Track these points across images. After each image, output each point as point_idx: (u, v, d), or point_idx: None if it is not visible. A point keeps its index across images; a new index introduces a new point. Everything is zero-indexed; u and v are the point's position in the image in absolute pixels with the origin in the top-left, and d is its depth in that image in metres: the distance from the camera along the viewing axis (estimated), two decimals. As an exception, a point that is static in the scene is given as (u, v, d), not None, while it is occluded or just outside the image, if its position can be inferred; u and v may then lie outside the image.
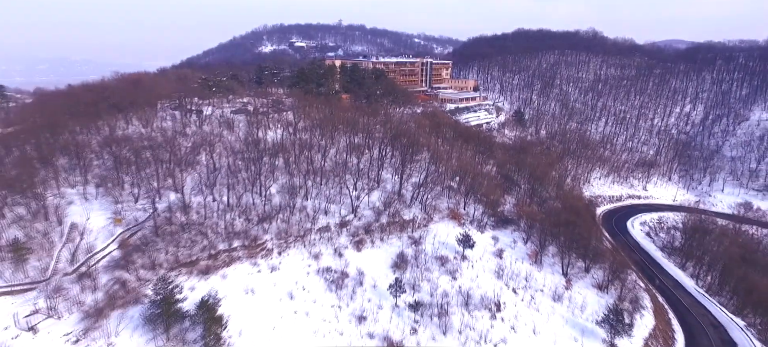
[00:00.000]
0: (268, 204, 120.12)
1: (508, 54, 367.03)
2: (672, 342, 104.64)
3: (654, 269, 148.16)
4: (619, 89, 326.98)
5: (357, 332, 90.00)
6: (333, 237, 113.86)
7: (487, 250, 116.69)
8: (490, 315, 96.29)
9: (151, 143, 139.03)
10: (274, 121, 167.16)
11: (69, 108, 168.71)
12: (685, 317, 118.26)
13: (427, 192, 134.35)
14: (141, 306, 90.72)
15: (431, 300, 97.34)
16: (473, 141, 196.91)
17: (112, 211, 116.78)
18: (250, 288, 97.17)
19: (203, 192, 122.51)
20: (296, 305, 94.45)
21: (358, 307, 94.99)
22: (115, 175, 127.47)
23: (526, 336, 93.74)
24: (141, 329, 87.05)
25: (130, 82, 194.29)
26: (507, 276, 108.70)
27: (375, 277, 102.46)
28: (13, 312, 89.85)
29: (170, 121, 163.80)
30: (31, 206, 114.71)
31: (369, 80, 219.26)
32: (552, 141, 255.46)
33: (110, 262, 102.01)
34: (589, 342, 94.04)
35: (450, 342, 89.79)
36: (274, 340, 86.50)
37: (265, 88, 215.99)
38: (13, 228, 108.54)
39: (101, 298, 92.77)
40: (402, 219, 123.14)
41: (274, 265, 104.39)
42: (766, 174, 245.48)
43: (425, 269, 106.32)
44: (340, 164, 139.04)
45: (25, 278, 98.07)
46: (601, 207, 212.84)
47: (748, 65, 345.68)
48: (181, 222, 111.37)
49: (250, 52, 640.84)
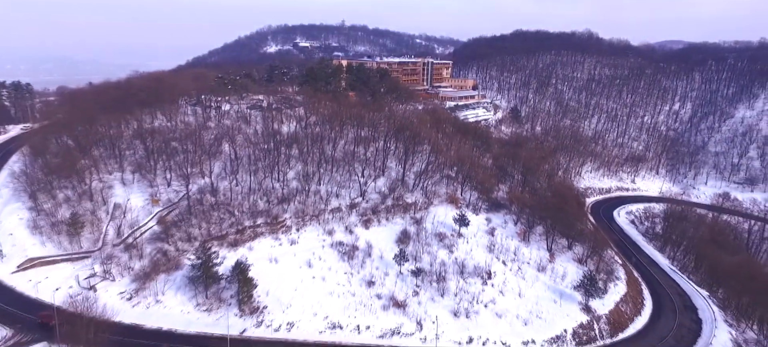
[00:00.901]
0: (286, 188, 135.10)
1: (507, 54, 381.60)
2: (641, 306, 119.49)
3: (633, 250, 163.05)
4: (611, 88, 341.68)
5: (367, 293, 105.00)
6: (344, 217, 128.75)
7: (481, 229, 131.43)
8: (481, 282, 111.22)
9: (180, 134, 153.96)
10: (287, 116, 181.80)
11: (100, 104, 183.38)
12: (656, 288, 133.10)
13: (427, 180, 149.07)
14: (182, 271, 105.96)
15: (431, 269, 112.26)
16: (471, 136, 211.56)
17: (148, 194, 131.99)
18: (274, 257, 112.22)
19: (228, 178, 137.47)
20: (314, 272, 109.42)
21: (368, 274, 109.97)
22: (148, 163, 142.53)
23: (512, 299, 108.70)
24: (183, 289, 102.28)
25: (153, 80, 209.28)
26: (497, 250, 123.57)
27: (381, 249, 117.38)
28: (74, 275, 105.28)
29: (192, 116, 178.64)
30: (78, 189, 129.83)
31: (374, 79, 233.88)
32: (546, 137, 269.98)
33: (151, 236, 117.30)
34: (566, 303, 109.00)
35: (447, 302, 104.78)
36: (296, 299, 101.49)
37: (276, 86, 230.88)
38: (64, 207, 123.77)
39: (147, 264, 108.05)
40: (405, 202, 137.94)
41: (293, 239, 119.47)
42: (746, 168, 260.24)
43: (425, 244, 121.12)
44: (348, 154, 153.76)
45: (80, 248, 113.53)
46: (591, 198, 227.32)
47: (736, 66, 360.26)
48: (210, 203, 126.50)
49: (256, 52, 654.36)
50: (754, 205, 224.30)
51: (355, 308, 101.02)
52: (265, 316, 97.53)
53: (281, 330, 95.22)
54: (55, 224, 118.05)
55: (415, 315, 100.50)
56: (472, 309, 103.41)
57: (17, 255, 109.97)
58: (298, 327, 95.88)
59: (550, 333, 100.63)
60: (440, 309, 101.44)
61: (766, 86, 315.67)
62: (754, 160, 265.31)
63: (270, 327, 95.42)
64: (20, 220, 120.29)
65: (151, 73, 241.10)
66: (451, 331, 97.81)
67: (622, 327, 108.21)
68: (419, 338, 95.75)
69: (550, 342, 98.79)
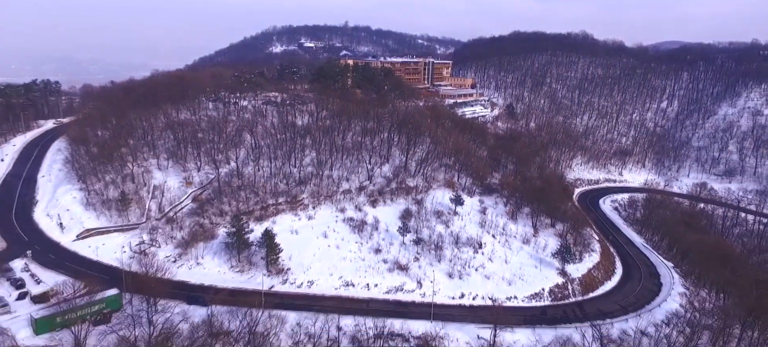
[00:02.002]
0: (303, 173, 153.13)
1: (504, 55, 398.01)
2: (612, 273, 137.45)
3: (613, 231, 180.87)
4: (603, 87, 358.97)
5: (374, 259, 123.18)
6: (354, 197, 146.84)
7: (474, 208, 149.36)
8: (473, 251, 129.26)
9: (206, 126, 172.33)
10: (299, 110, 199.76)
11: (129, 99, 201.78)
12: (628, 260, 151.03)
13: (427, 167, 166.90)
14: (217, 240, 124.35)
15: (429, 240, 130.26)
16: (469, 130, 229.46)
17: (182, 177, 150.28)
18: (294, 229, 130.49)
19: (251, 164, 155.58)
20: (329, 241, 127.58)
21: (375, 243, 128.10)
22: (179, 150, 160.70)
23: (499, 264, 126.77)
24: (219, 254, 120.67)
25: (176, 78, 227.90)
26: (488, 225, 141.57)
27: (387, 224, 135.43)
28: (126, 242, 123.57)
29: (213, 111, 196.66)
30: (120, 173, 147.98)
31: (378, 77, 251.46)
32: (540, 132, 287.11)
33: (188, 211, 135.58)
34: (545, 268, 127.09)
35: (443, 266, 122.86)
36: (314, 263, 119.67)
37: (287, 84, 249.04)
38: (111, 188, 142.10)
39: (186, 234, 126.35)
40: (407, 185, 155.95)
41: (310, 215, 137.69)
42: (725, 161, 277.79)
43: (425, 220, 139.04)
44: (356, 144, 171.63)
45: (128, 221, 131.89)
46: (580, 188, 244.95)
47: (724, 66, 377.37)
48: (237, 184, 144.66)
49: (261, 52, 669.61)
50: (729, 194, 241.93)
51: (365, 270, 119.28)
52: (289, 276, 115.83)
53: (303, 286, 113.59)
54: (104, 201, 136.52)
55: (415, 276, 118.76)
56: (464, 271, 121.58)
57: (75, 226, 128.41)
58: (316, 285, 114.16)
59: (530, 291, 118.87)
60: (437, 272, 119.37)
61: (748, 85, 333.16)
62: (733, 153, 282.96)
63: (293, 285, 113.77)
64: (74, 199, 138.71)
65: (172, 71, 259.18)
66: (446, 289, 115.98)
67: (592, 288, 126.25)
68: (419, 294, 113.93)
69: (530, 298, 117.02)
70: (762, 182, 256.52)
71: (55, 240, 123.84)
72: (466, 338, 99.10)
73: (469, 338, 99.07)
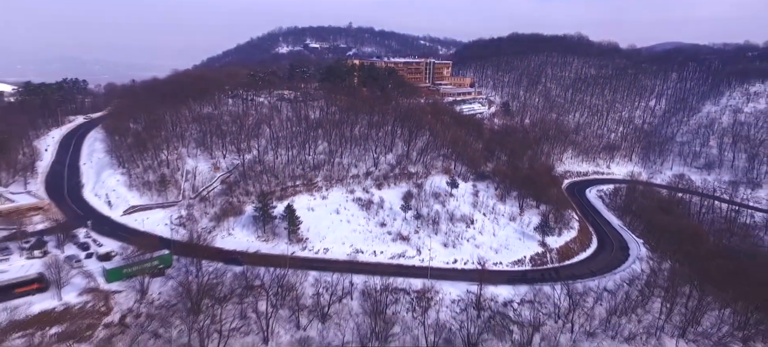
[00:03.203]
0: (316, 160, 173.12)
1: (502, 56, 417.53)
2: (587, 246, 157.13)
3: (594, 214, 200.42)
4: (595, 86, 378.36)
5: (380, 231, 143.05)
6: (361, 181, 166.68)
7: (468, 191, 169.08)
8: (465, 225, 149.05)
9: (228, 119, 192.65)
10: (310, 106, 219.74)
11: (155, 95, 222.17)
12: (603, 237, 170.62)
13: (427, 156, 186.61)
14: (244, 215, 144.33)
15: (428, 216, 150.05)
16: (466, 125, 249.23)
17: (210, 163, 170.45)
18: (311, 207, 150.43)
19: (270, 152, 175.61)
20: (341, 217, 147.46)
21: (381, 218, 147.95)
22: (206, 140, 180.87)
23: (488, 237, 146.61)
24: (247, 226, 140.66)
25: (197, 76, 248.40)
26: (479, 205, 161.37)
27: (391, 203, 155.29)
28: (166, 217, 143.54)
29: (233, 106, 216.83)
30: (155, 159, 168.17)
31: (383, 76, 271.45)
32: (533, 128, 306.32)
33: (218, 192, 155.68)
34: (528, 240, 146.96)
35: (439, 238, 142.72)
36: (329, 234, 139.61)
37: (298, 82, 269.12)
38: (149, 172, 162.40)
39: (218, 210, 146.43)
40: (409, 171, 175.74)
41: (324, 195, 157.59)
42: (706, 155, 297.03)
43: (424, 200, 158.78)
44: (363, 135, 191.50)
45: (166, 200, 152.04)
46: (569, 180, 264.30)
47: (711, 66, 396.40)
48: (259, 169, 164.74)
49: (268, 52, 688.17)
50: (705, 184, 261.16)
51: (372, 240, 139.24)
52: (308, 244, 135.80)
53: (319, 253, 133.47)
54: (145, 183, 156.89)
55: (415, 245, 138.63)
56: (457, 242, 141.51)
57: (121, 204, 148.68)
58: (331, 252, 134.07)
59: (514, 258, 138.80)
60: (434, 242, 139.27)
61: (731, 84, 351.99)
62: (712, 148, 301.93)
63: (311, 251, 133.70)
64: (117, 181, 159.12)
65: (194, 70, 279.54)
66: (441, 256, 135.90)
67: (568, 257, 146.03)
68: (418, 259, 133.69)
69: (513, 263, 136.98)
70: (737, 174, 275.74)
71: (105, 215, 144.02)
72: (457, 292, 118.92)
73: (460, 292, 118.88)
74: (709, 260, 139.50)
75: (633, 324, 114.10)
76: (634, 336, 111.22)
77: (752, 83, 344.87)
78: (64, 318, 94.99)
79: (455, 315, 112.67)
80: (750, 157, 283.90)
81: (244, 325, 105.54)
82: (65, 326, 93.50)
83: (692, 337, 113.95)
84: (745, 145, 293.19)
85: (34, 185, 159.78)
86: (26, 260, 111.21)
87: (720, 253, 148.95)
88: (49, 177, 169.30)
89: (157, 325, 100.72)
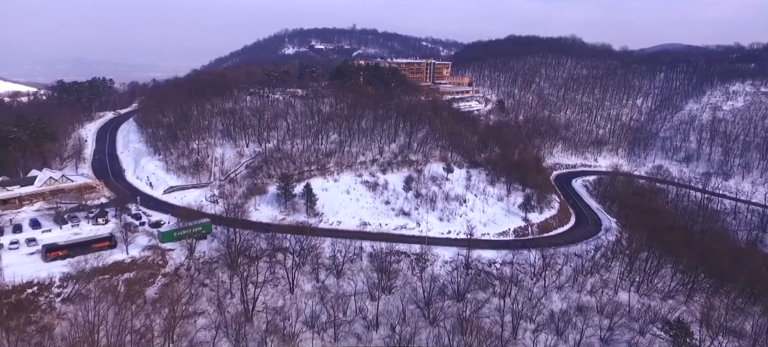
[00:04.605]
0: (328, 148, 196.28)
1: (499, 57, 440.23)
2: (566, 222, 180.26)
3: (576, 198, 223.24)
4: (586, 85, 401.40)
5: (385, 208, 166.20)
6: (368, 166, 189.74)
7: (462, 176, 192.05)
8: (458, 204, 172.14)
9: (250, 112, 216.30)
10: (321, 102, 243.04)
11: (180, 92, 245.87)
12: (581, 215, 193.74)
13: (426, 146, 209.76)
14: (268, 194, 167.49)
15: (426, 196, 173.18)
16: (463, 120, 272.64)
17: (235, 150, 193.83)
18: (325, 187, 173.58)
19: (288, 141, 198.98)
20: (351, 196, 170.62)
21: (385, 198, 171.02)
22: (230, 131, 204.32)
23: (478, 213, 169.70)
24: (271, 203, 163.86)
25: (218, 75, 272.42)
26: (471, 187, 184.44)
27: (394, 185, 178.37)
28: (201, 196, 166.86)
29: (250, 102, 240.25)
30: (187, 147, 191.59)
31: (387, 76, 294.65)
32: (526, 124, 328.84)
33: (244, 174, 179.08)
34: (512, 216, 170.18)
35: (436, 213, 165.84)
36: (341, 209, 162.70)
37: (307, 81, 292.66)
38: (182, 158, 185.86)
39: (245, 190, 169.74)
40: (410, 159, 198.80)
41: (336, 178, 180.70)
42: (685, 149, 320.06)
43: (423, 183, 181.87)
44: (370, 127, 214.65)
45: (200, 181, 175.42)
46: (558, 171, 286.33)
47: (698, 66, 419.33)
48: (279, 156, 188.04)
49: (275, 53, 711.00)
50: (682, 175, 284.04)
51: (378, 215, 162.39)
52: (323, 218, 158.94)
53: (333, 224, 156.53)
54: (180, 167, 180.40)
55: (415, 219, 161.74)
56: (451, 217, 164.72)
57: (161, 184, 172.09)
58: (343, 224, 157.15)
59: (500, 230, 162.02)
60: (431, 217, 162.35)
61: (713, 84, 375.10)
62: (692, 143, 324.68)
63: (326, 223, 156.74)
64: (156, 166, 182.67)
65: (214, 70, 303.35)
66: (437, 227, 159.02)
67: (548, 230, 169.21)
68: (418, 231, 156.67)
69: (499, 234, 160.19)
70: (712, 166, 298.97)
71: (148, 194, 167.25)
72: (450, 255, 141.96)
73: (452, 255, 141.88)
74: (667, 232, 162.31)
75: (595, 280, 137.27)
76: (595, 291, 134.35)
77: (732, 83, 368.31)
78: (131, 267, 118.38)
79: (448, 273, 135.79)
80: (725, 150, 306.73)
81: (273, 278, 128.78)
82: (133, 273, 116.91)
83: (645, 291, 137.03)
84: (722, 139, 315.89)
85: (83, 169, 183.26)
86: (93, 226, 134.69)
87: (677, 227, 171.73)
88: (94, 163, 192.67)
89: (204, 276, 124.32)
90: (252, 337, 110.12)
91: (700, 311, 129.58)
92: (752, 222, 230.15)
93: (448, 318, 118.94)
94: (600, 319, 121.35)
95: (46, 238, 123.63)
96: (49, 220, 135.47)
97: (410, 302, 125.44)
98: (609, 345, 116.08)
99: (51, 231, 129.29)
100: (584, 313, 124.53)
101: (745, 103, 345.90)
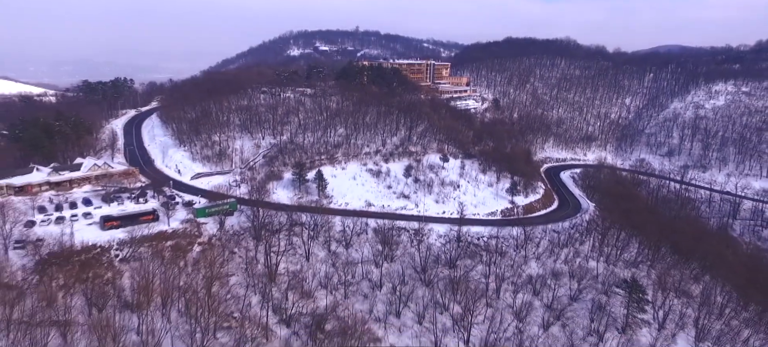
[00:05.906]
0: (336, 140, 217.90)
1: (496, 58, 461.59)
2: (549, 205, 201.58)
3: (561, 187, 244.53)
4: (578, 85, 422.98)
5: (387, 191, 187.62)
6: (372, 156, 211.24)
7: (456, 165, 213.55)
8: (453, 189, 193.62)
9: (265, 109, 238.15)
10: (328, 100, 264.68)
11: (199, 91, 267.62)
12: (563, 201, 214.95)
13: (425, 139, 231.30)
14: (283, 180, 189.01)
15: (424, 181, 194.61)
16: (460, 117, 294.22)
17: (253, 142, 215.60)
18: (334, 174, 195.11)
19: (300, 134, 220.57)
20: (357, 182, 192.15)
21: (388, 183, 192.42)
22: (247, 125, 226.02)
23: (470, 197, 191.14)
24: (287, 187, 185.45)
25: (232, 75, 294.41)
26: (465, 175, 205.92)
27: (395, 172, 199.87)
28: (224, 181, 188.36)
29: (263, 100, 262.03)
30: (209, 140, 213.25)
31: (389, 76, 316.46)
32: (520, 121, 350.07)
33: (262, 163, 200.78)
34: (500, 199, 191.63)
35: (432, 197, 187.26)
36: (348, 193, 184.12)
37: (314, 80, 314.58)
38: (206, 149, 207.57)
39: (263, 176, 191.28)
40: (410, 150, 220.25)
41: (343, 167, 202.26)
42: (668, 144, 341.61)
43: (422, 171, 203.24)
44: (373, 122, 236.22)
45: (223, 169, 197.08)
46: (548, 164, 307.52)
47: (686, 67, 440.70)
48: (292, 147, 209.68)
49: (280, 54, 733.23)
50: (662, 167, 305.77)
51: (381, 197, 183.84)
52: (333, 200, 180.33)
53: (342, 205, 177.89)
54: (204, 157, 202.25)
55: (414, 201, 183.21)
56: (446, 199, 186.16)
57: (189, 172, 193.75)
58: (350, 204, 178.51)
59: (488, 210, 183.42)
60: (428, 199, 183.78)
61: (698, 83, 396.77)
62: (674, 139, 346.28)
63: (336, 204, 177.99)
64: (183, 155, 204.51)
65: (229, 70, 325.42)
66: (433, 208, 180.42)
67: (532, 212, 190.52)
68: (416, 211, 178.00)
69: (487, 214, 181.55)
70: (692, 159, 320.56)
71: (178, 180, 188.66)
72: (444, 230, 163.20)
73: (445, 230, 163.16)
74: (639, 214, 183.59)
75: (569, 251, 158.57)
76: (569, 260, 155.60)
77: (716, 83, 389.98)
78: (173, 236, 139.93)
79: (442, 244, 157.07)
80: (704, 145, 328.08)
81: (291, 248, 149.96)
82: (175, 241, 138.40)
83: (613, 261, 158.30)
84: (702, 135, 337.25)
85: (118, 159, 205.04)
86: (135, 204, 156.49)
87: (648, 210, 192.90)
88: (125, 153, 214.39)
89: (233, 245, 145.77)
90: (276, 293, 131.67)
91: (657, 276, 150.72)
92: (724, 210, 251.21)
93: (441, 281, 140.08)
94: (570, 282, 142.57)
95: (99, 213, 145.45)
96: (98, 199, 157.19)
97: (409, 267, 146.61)
98: (577, 302, 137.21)
99: (101, 208, 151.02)
100: (557, 278, 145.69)
101: (725, 102, 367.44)
